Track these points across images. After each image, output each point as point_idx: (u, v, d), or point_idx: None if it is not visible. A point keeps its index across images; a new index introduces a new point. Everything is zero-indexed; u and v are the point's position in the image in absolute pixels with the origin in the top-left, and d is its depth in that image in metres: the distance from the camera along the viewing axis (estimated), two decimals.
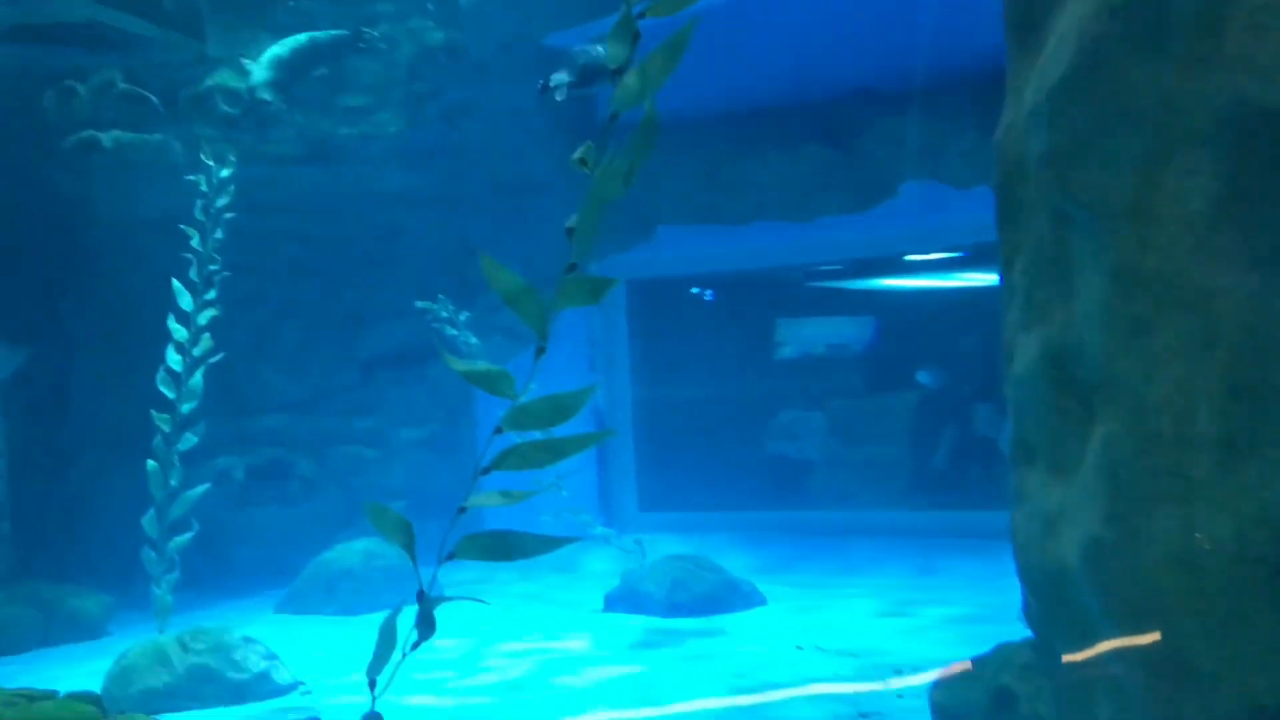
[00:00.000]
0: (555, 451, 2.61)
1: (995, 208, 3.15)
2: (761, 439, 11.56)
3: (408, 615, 2.64)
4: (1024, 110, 2.96)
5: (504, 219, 9.84)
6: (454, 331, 8.67)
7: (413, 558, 2.55)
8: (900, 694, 5.75)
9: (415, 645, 2.61)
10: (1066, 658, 2.93)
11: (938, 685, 5.11)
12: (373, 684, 2.73)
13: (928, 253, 10.77)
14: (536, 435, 2.73)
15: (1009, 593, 3.26)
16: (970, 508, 9.79)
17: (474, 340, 8.72)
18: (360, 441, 10.42)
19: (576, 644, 7.47)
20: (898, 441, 10.95)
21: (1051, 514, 2.92)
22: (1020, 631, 3.45)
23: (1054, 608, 2.98)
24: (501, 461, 2.60)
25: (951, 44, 8.26)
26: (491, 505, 2.65)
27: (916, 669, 6.19)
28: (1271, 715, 2.45)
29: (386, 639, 2.63)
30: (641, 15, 2.41)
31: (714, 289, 11.81)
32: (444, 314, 8.72)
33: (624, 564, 9.00)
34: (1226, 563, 2.47)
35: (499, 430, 2.58)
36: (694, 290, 11.89)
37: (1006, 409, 3.13)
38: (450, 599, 2.63)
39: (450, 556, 2.58)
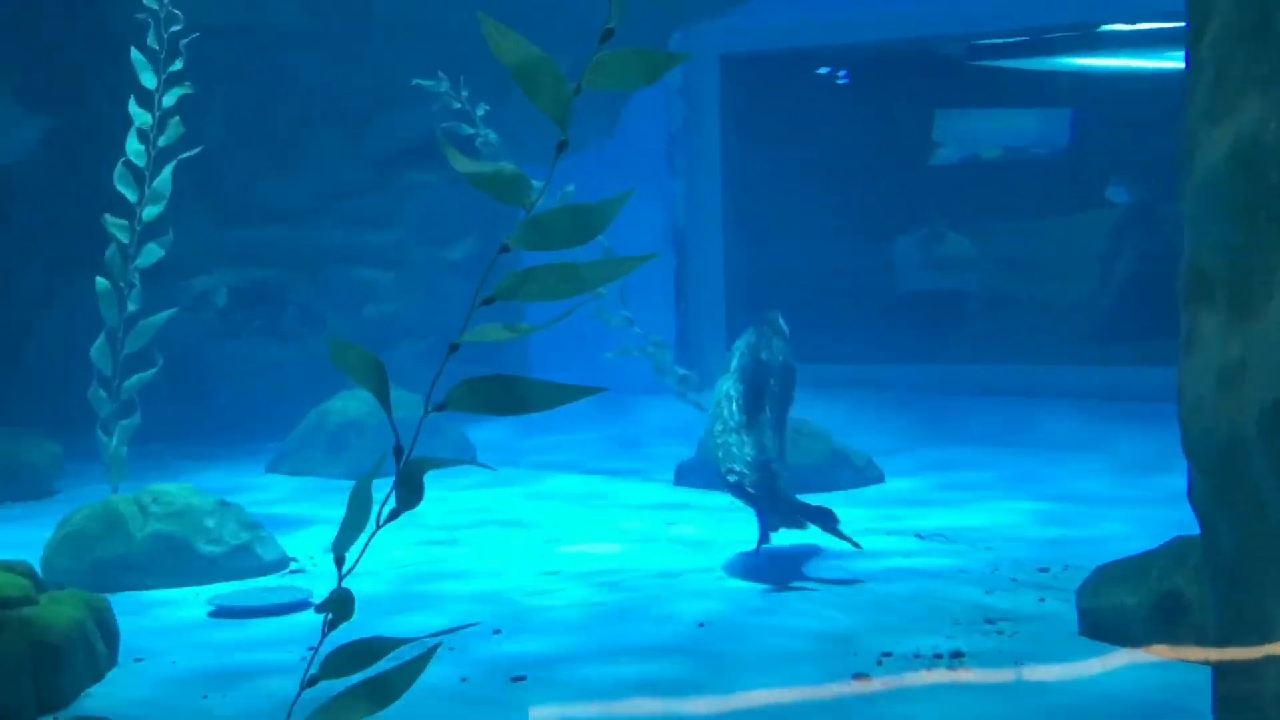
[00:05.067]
0: (582, 279, 2.65)
1: None
2: (901, 270, 11.41)
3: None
4: None
5: None
6: (470, 129, 8.60)
7: (386, 406, 2.62)
8: (1042, 598, 5.80)
9: (392, 515, 2.68)
10: (1234, 550, 2.96)
11: (1087, 588, 5.27)
12: (339, 560, 2.83)
13: (1133, 22, 10.31)
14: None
15: None
16: (1168, 362, 9.69)
17: (494, 138, 8.64)
18: (374, 262, 10.55)
19: (627, 529, 7.57)
20: (1082, 274, 10.73)
21: (1228, 367, 2.91)
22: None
23: (1223, 488, 2.98)
24: (511, 289, 2.62)
25: None
26: (492, 340, 2.69)
27: (1066, 567, 6.22)
28: None
29: (358, 506, 2.70)
30: None
31: (845, 68, 11.42)
32: (455, 104, 8.62)
33: (705, 425, 8.72)
34: None
35: (505, 249, 2.61)
36: (821, 71, 11.54)
37: None
38: (442, 463, 2.67)
39: (440, 407, 2.64)
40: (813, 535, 6.50)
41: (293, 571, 6.66)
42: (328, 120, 10.42)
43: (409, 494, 2.73)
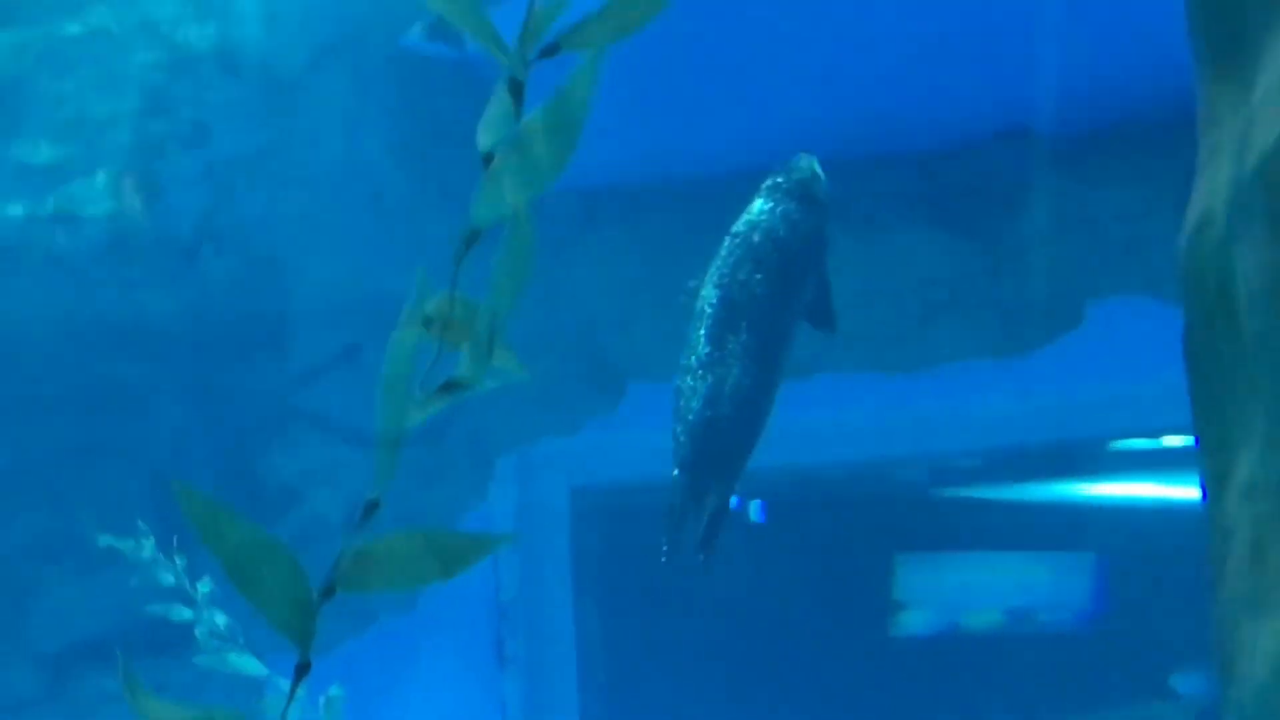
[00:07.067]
0: None
1: (1186, 370, 3.17)
2: None
3: None
4: (1223, 190, 2.97)
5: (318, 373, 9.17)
6: (188, 612, 7.75)
7: None
8: None
9: None
10: None
11: None
12: None
13: (1156, 434, 10.35)
14: None
15: None
16: None
17: (223, 623, 7.77)
18: None
19: None
20: None
21: None
22: None
23: None
24: None
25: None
26: None
27: None
28: None
29: None
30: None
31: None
32: (165, 575, 7.77)
33: None
34: None
35: None
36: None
37: None
38: None
39: None
40: None
41: None
42: None
43: None
